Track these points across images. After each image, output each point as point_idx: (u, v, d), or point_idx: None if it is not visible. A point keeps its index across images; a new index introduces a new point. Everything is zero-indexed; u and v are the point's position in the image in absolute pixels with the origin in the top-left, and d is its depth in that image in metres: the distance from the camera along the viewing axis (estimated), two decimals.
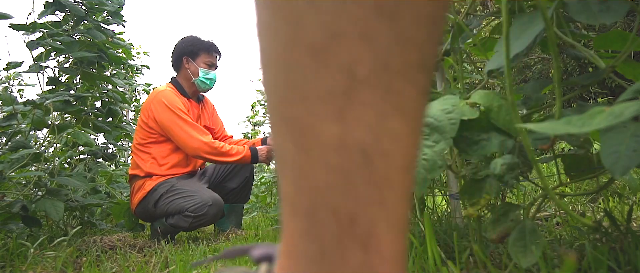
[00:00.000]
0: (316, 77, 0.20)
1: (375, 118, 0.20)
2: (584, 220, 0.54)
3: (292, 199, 0.23)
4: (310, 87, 0.20)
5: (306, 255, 0.23)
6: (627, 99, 0.51)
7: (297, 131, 0.21)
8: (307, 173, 0.22)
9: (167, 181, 2.08)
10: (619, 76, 0.74)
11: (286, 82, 0.21)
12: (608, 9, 0.55)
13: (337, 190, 0.21)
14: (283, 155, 0.23)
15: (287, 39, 0.21)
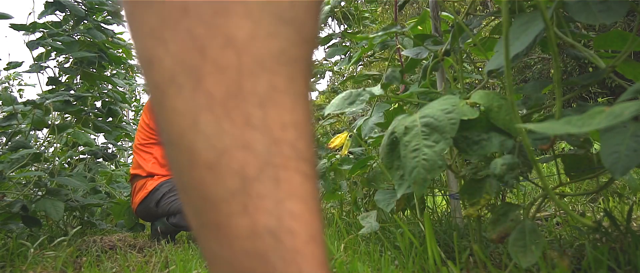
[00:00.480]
0: (217, 185, 0.25)
1: (274, 205, 0.25)
2: (584, 220, 0.54)
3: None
4: (215, 193, 0.25)
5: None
6: (627, 99, 0.51)
7: (215, 231, 0.25)
8: (233, 262, 0.25)
9: (169, 181, 2.08)
10: (619, 76, 0.74)
11: (197, 194, 0.26)
12: (608, 9, 0.55)
13: (259, 269, 0.25)
14: (210, 252, 0.27)
15: (188, 163, 0.25)
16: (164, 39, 0.24)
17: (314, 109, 2.80)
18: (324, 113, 0.91)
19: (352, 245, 1.17)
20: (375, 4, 2.52)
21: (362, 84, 2.27)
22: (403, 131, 0.65)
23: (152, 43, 0.25)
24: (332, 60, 2.72)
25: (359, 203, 1.56)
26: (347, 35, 1.50)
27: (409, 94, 0.85)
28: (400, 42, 1.29)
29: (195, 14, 0.23)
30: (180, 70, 0.24)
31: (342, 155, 1.45)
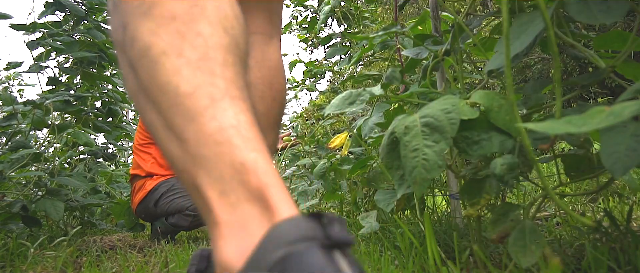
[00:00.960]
0: (195, 104, 0.38)
1: (233, 114, 0.37)
2: (584, 220, 0.54)
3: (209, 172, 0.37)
4: (194, 110, 0.37)
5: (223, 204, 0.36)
6: (627, 98, 0.51)
7: (194, 134, 0.37)
8: (205, 150, 0.36)
9: (168, 181, 2.08)
10: (619, 76, 0.74)
11: (180, 114, 0.38)
12: (608, 9, 0.55)
13: (225, 148, 0.36)
14: (181, 150, 0.38)
15: (173, 95, 0.38)
16: (159, 33, 0.39)
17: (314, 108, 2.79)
18: (324, 113, 0.91)
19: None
20: (375, 4, 2.52)
21: (362, 84, 2.27)
22: (403, 131, 0.65)
23: (150, 36, 0.39)
24: (332, 60, 2.72)
25: (359, 203, 1.56)
26: (347, 35, 1.50)
27: (409, 94, 0.85)
28: (400, 42, 1.29)
29: (179, 20, 0.39)
30: (169, 48, 0.38)
31: (342, 155, 1.45)
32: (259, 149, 0.36)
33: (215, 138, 0.36)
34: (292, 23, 2.72)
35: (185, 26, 0.39)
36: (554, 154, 0.79)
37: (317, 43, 2.66)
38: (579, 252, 0.86)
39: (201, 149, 0.36)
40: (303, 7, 2.63)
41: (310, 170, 1.93)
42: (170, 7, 0.40)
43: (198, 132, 0.36)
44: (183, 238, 2.27)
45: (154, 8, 0.40)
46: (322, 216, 0.31)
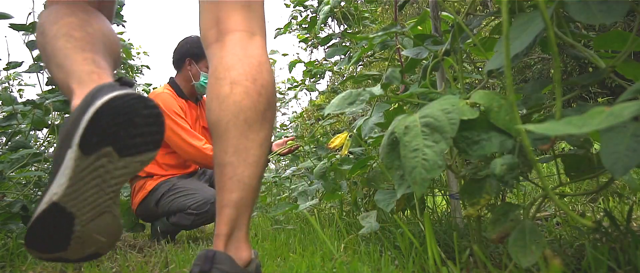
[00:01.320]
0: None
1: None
2: (584, 220, 0.54)
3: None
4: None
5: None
6: (627, 98, 0.51)
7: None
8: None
9: (168, 180, 2.08)
10: (619, 76, 0.74)
11: None
12: (608, 9, 0.55)
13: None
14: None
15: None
16: (57, 30, 0.81)
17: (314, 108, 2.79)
18: (324, 113, 0.91)
19: (352, 245, 1.17)
20: (375, 4, 2.52)
21: (362, 84, 2.27)
22: (403, 131, 0.65)
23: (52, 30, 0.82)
24: (332, 60, 2.72)
25: (359, 203, 1.56)
26: (347, 35, 1.50)
27: (409, 94, 0.85)
28: (400, 42, 1.29)
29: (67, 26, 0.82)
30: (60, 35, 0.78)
31: (342, 155, 1.45)
32: (90, 68, 0.74)
33: (81, 67, 0.73)
34: (292, 23, 2.72)
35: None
36: (554, 154, 0.79)
37: (317, 43, 2.66)
38: (579, 252, 0.86)
39: (72, 71, 0.73)
40: (303, 7, 2.63)
41: (310, 170, 1.93)
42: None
43: (72, 64, 0.73)
44: (183, 238, 2.27)
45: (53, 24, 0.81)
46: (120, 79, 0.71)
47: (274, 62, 3.14)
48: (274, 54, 3.00)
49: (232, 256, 0.71)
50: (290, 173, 2.51)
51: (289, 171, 2.52)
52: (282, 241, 1.47)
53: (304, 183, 2.34)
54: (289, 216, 2.34)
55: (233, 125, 0.73)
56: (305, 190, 1.87)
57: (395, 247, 1.05)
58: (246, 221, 0.76)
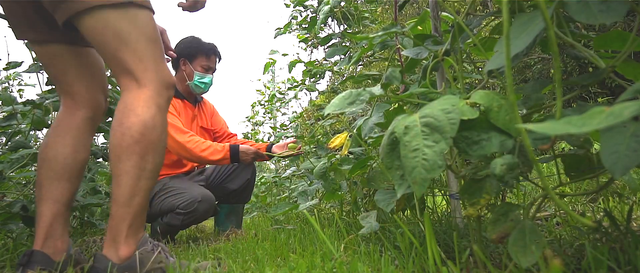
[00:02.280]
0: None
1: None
2: (584, 220, 0.54)
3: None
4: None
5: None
6: (627, 98, 0.51)
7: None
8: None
9: (160, 181, 2.09)
10: (619, 76, 0.74)
11: None
12: (608, 9, 0.55)
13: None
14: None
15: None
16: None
17: (314, 109, 2.79)
18: (324, 113, 0.91)
19: (352, 245, 1.17)
20: (375, 4, 2.52)
21: (362, 84, 2.27)
22: (403, 131, 0.65)
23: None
24: (332, 60, 2.72)
25: (359, 203, 1.56)
26: (347, 35, 1.50)
27: (409, 94, 0.85)
28: (400, 42, 1.29)
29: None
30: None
31: (342, 155, 1.45)
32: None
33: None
34: (292, 23, 2.72)
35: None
36: (554, 154, 0.79)
37: (317, 43, 2.66)
38: (579, 252, 0.86)
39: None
40: (303, 7, 2.63)
41: (310, 170, 1.93)
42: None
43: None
44: (183, 238, 2.27)
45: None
46: None
47: (274, 62, 3.14)
48: (273, 54, 3.00)
49: (113, 254, 0.99)
50: (290, 173, 2.51)
51: (289, 171, 2.52)
52: (282, 241, 1.47)
53: (304, 183, 2.34)
54: (289, 216, 2.34)
55: (110, 159, 1.01)
56: (305, 190, 1.87)
57: (395, 247, 1.05)
58: (125, 228, 1.00)
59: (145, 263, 1.00)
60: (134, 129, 0.99)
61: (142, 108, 1.01)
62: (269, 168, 5.86)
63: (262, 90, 5.27)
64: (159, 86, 1.04)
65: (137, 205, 1.01)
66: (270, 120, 5.34)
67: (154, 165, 1.03)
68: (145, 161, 1.00)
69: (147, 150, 1.00)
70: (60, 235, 1.10)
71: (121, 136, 0.99)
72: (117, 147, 0.99)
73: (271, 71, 5.14)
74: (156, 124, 1.02)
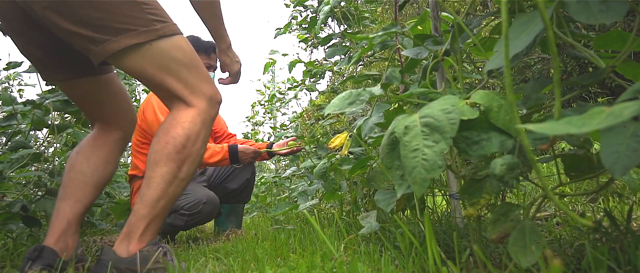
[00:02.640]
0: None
1: None
2: (584, 220, 0.54)
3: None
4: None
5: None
6: (627, 98, 0.51)
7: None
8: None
9: None
10: (619, 76, 0.74)
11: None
12: (608, 9, 0.55)
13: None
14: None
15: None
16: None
17: (314, 109, 2.79)
18: (324, 113, 0.91)
19: (352, 245, 1.17)
20: (375, 4, 2.52)
21: (362, 84, 2.27)
22: (403, 131, 0.65)
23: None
24: (332, 60, 2.72)
25: (359, 203, 1.56)
26: (347, 35, 1.50)
27: (409, 94, 0.85)
28: (400, 42, 1.29)
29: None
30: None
31: (342, 155, 1.45)
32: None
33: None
34: (292, 23, 2.72)
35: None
36: (554, 154, 0.79)
37: (317, 43, 2.66)
38: (579, 252, 0.86)
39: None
40: (303, 7, 2.63)
41: (310, 170, 1.93)
42: None
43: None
44: (183, 238, 2.27)
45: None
46: None
47: (274, 62, 3.14)
48: (273, 54, 3.00)
49: (123, 248, 1.03)
50: (290, 173, 2.51)
51: (289, 171, 2.52)
52: (282, 241, 1.47)
53: (304, 183, 2.34)
54: (289, 216, 2.34)
55: (148, 160, 1.08)
56: (305, 190, 1.87)
57: (395, 247, 1.05)
58: (143, 226, 1.05)
59: (148, 261, 1.03)
60: (178, 140, 1.06)
61: (189, 123, 1.07)
62: (269, 168, 5.86)
63: (262, 90, 5.27)
64: (206, 105, 1.10)
65: (161, 209, 1.06)
66: (270, 120, 5.34)
67: (187, 175, 1.09)
68: (181, 170, 1.07)
69: (185, 160, 1.07)
70: (73, 233, 1.16)
71: (165, 144, 1.06)
72: (158, 152, 1.06)
73: (271, 71, 5.14)
74: (198, 139, 1.09)
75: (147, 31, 1.03)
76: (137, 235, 1.04)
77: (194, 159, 1.09)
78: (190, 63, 1.09)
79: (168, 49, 1.06)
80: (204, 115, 1.10)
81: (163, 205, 1.06)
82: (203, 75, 1.12)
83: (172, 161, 1.06)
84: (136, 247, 1.04)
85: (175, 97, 1.09)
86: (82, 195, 1.19)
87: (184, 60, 1.08)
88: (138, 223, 1.05)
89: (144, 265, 1.03)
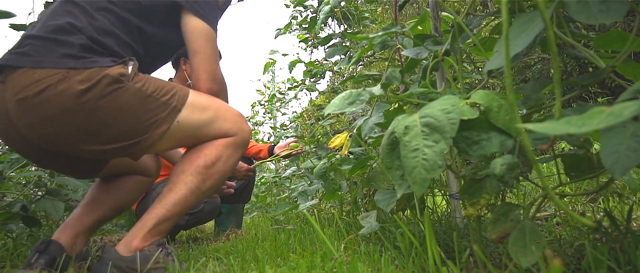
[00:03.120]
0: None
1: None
2: (584, 220, 0.54)
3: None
4: None
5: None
6: (627, 98, 0.51)
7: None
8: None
9: (165, 180, 2.08)
10: (619, 76, 0.74)
11: None
12: (608, 9, 0.55)
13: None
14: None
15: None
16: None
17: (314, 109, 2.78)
18: (324, 113, 0.91)
19: (352, 245, 1.17)
20: (375, 4, 2.52)
21: (362, 84, 2.27)
22: (403, 131, 0.65)
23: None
24: (332, 60, 2.72)
25: (359, 203, 1.56)
26: (347, 35, 1.50)
27: (409, 94, 0.85)
28: (400, 42, 1.29)
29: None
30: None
31: (342, 155, 1.45)
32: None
33: None
34: (292, 23, 2.72)
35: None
36: (554, 154, 0.79)
37: (317, 43, 2.66)
38: (579, 252, 0.86)
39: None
40: (303, 7, 2.63)
41: (310, 170, 1.93)
42: None
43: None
44: (183, 238, 2.27)
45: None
46: None
47: (274, 62, 3.14)
48: (274, 54, 3.00)
49: (124, 246, 1.06)
50: (290, 173, 2.51)
51: (289, 171, 2.52)
52: (282, 241, 1.47)
53: (304, 183, 2.34)
54: (289, 216, 2.34)
55: (176, 166, 1.16)
56: (305, 190, 1.87)
57: (395, 247, 1.05)
58: (152, 224, 1.09)
59: (149, 260, 1.05)
60: (210, 158, 1.14)
61: (223, 146, 1.16)
62: (269, 168, 5.86)
63: (262, 90, 5.27)
64: (240, 139, 1.19)
65: (174, 212, 1.10)
66: (270, 120, 5.34)
67: (208, 189, 1.15)
68: (204, 184, 1.13)
69: (211, 177, 1.14)
70: (83, 234, 1.22)
71: (197, 157, 1.13)
72: (188, 163, 1.13)
73: (271, 71, 5.14)
74: (228, 161, 1.17)
75: (169, 113, 1.08)
76: (143, 233, 1.07)
77: (219, 177, 1.15)
78: (214, 113, 1.15)
79: (190, 115, 1.11)
80: (238, 142, 1.18)
81: (177, 211, 1.10)
82: (227, 114, 1.18)
83: (199, 174, 1.12)
84: (139, 245, 1.06)
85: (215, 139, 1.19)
86: (103, 211, 1.28)
87: (206, 115, 1.14)
88: (148, 221, 1.08)
89: (145, 265, 1.03)
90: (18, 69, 0.96)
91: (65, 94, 0.95)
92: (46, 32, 1.00)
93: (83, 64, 0.97)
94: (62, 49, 0.98)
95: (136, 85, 1.03)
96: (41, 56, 0.97)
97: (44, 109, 0.96)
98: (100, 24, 1.05)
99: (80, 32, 1.01)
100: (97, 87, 0.97)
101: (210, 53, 1.17)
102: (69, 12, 1.04)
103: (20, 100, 0.96)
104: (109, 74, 0.98)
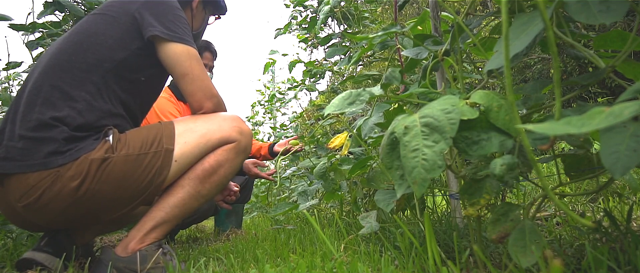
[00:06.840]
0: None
1: None
2: (584, 220, 0.54)
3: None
4: None
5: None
6: (626, 98, 0.51)
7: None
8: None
9: None
10: (619, 76, 0.74)
11: None
12: (608, 9, 0.55)
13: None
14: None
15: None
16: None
17: (314, 109, 2.79)
18: (324, 113, 0.91)
19: (352, 245, 1.17)
20: (375, 4, 2.52)
21: (362, 84, 2.27)
22: (403, 131, 0.65)
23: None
24: (332, 60, 2.72)
25: (359, 203, 1.56)
26: (347, 35, 1.50)
27: (409, 94, 0.85)
28: (400, 42, 1.29)
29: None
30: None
31: (342, 155, 1.45)
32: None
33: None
34: (292, 23, 2.72)
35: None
36: (554, 154, 0.79)
37: (317, 43, 2.66)
38: (579, 252, 0.86)
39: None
40: (303, 7, 2.63)
41: (310, 170, 1.93)
42: None
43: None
44: (183, 238, 2.27)
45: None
46: None
47: (274, 62, 3.14)
48: (273, 54, 3.00)
49: (122, 247, 1.07)
50: (290, 173, 2.51)
51: (289, 171, 2.52)
52: (282, 241, 1.47)
53: (304, 183, 2.34)
54: (289, 216, 2.34)
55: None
56: (305, 190, 1.87)
57: (395, 247, 1.05)
58: (150, 226, 1.10)
59: (147, 260, 1.06)
60: (210, 163, 1.16)
61: (228, 152, 1.19)
62: (269, 168, 5.85)
63: (262, 90, 5.27)
64: (239, 144, 1.21)
65: (172, 215, 1.12)
66: (270, 120, 5.34)
67: (209, 193, 1.17)
68: (204, 188, 1.16)
69: (211, 181, 1.16)
70: (92, 230, 1.27)
71: (200, 162, 1.16)
72: (189, 168, 1.15)
73: (271, 71, 5.15)
74: (228, 166, 1.19)
75: (164, 157, 1.09)
76: (140, 235, 1.08)
77: (220, 182, 1.18)
78: (205, 129, 1.16)
79: (184, 146, 1.13)
80: (241, 147, 1.21)
81: (175, 214, 1.12)
82: (222, 123, 1.18)
83: (198, 178, 1.14)
84: (136, 247, 1.07)
85: None
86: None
87: (197, 136, 1.15)
88: (146, 223, 1.10)
89: (144, 265, 1.04)
90: (11, 176, 1.00)
91: (63, 193, 0.99)
92: (28, 130, 1.00)
93: (70, 157, 1.00)
94: (47, 147, 0.99)
95: (121, 153, 1.04)
96: (29, 159, 0.99)
97: (50, 209, 1.01)
98: (80, 106, 1.04)
99: (62, 123, 1.01)
100: (88, 175, 1.00)
101: (199, 71, 1.17)
102: (47, 100, 1.03)
103: (25, 206, 1.01)
104: (95, 158, 1.01)
